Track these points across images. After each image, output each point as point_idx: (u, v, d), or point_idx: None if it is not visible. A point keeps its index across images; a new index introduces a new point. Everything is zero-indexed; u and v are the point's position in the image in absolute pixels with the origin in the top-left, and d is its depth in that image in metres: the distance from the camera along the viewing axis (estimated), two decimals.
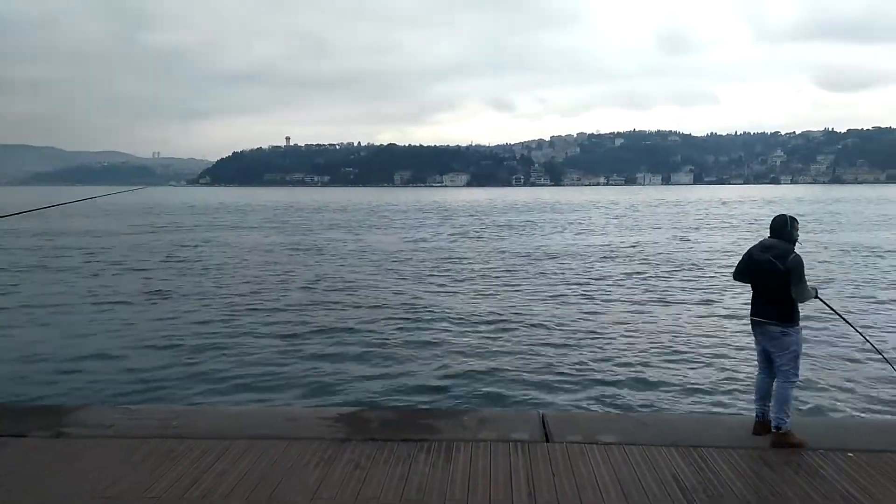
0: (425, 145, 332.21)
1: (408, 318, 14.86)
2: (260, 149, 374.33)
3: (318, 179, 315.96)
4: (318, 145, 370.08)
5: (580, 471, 4.54)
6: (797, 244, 5.13)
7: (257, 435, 5.19)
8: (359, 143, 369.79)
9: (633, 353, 11.61)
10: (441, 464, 4.66)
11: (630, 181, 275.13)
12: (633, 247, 31.77)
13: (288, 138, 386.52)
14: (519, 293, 18.34)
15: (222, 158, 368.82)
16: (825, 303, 5.53)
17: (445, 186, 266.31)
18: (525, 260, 26.69)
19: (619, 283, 20.29)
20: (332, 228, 46.99)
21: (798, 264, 4.88)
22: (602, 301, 17.07)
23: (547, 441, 5.08)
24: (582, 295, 18.01)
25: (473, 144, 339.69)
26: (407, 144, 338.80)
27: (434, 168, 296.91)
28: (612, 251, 29.86)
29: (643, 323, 14.27)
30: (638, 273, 22.45)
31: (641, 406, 8.66)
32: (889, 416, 8.37)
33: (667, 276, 21.74)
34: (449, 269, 23.78)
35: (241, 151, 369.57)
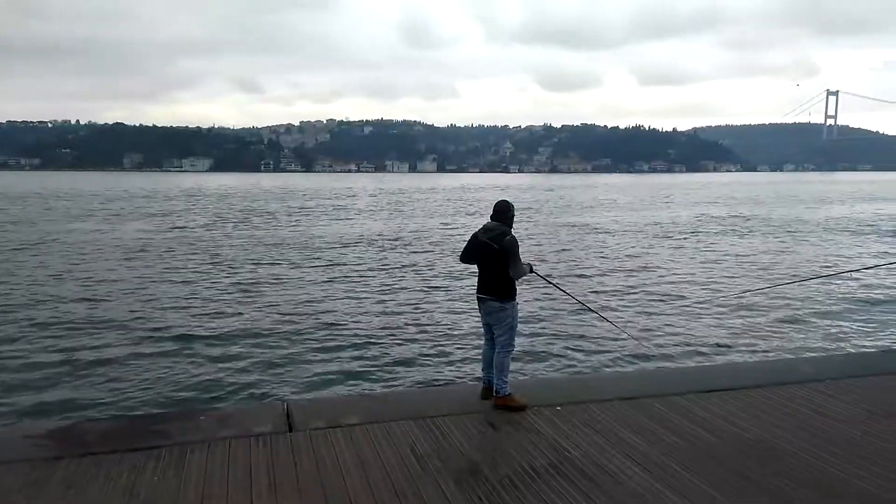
0: (161, 125, 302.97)
1: (146, 317, 13.56)
2: None
3: (27, 162, 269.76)
4: (24, 122, 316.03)
5: (322, 456, 4.57)
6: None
7: None
8: (77, 121, 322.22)
9: (375, 334, 12.01)
10: (173, 471, 4.33)
11: (380, 168, 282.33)
12: (390, 232, 32.82)
13: None
14: (268, 283, 17.83)
15: None
16: (541, 276, 6.24)
17: (185, 171, 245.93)
18: (276, 248, 26.00)
19: (367, 267, 20.82)
20: (69, 220, 40.74)
21: (513, 245, 5.39)
22: (349, 285, 17.37)
23: (290, 431, 5.02)
24: (333, 281, 18.12)
25: (217, 126, 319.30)
26: (138, 124, 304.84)
27: (171, 150, 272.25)
28: (366, 237, 30.49)
29: (386, 305, 14.84)
30: (386, 257, 23.26)
31: (384, 385, 9.03)
32: (588, 373, 9.84)
33: (412, 258, 22.86)
34: (198, 261, 22.20)
35: None
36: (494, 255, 5.41)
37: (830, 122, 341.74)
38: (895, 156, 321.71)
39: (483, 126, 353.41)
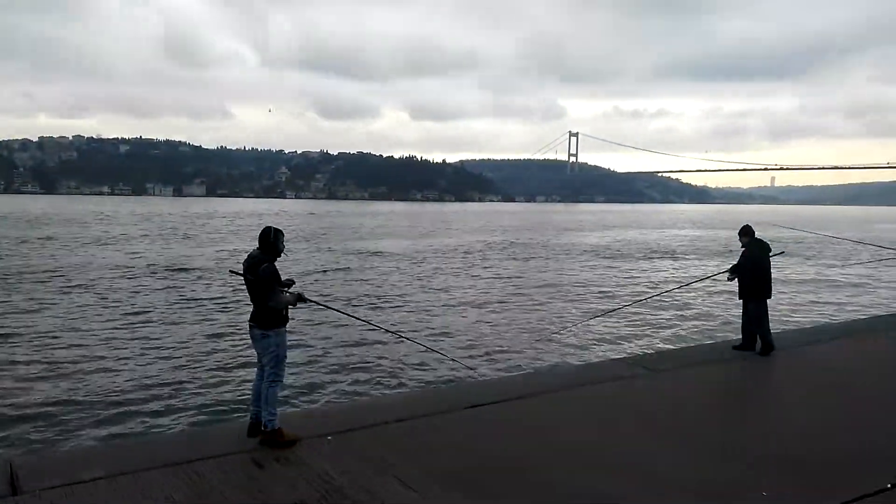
0: None
1: None
2: None
3: None
4: None
5: None
6: (284, 254, 5.57)
7: None
8: None
9: (129, 372, 10.87)
10: None
11: (139, 191, 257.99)
12: (157, 259, 29.94)
13: None
14: (5, 319, 15.22)
15: None
16: (314, 301, 6.14)
17: None
18: (21, 280, 22.32)
19: (127, 298, 18.82)
20: None
21: (267, 274, 5.27)
22: (103, 317, 15.56)
23: (15, 494, 4.32)
24: (85, 312, 16.06)
25: None
26: None
27: None
28: (130, 265, 27.50)
29: (146, 340, 13.54)
30: (151, 286, 21.24)
31: (137, 430, 8.16)
32: (359, 399, 9.88)
33: (182, 287, 21.18)
34: None
35: None
36: (253, 283, 5.32)
37: (573, 159, 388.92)
38: (623, 190, 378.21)
39: (257, 150, 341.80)
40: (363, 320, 8.32)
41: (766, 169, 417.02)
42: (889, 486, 2.85)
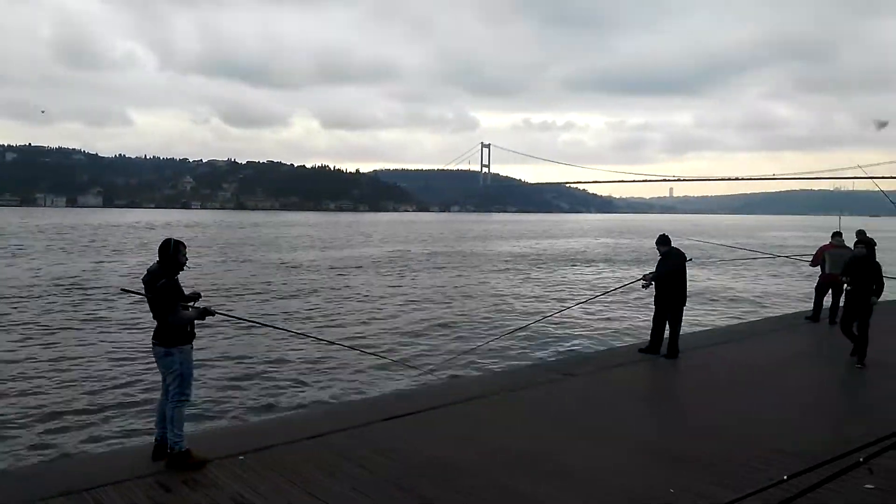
0: None
1: None
2: None
3: None
4: None
5: None
6: (186, 266, 5.32)
7: None
8: None
9: (19, 392, 10.04)
10: None
11: (28, 202, 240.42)
12: (55, 275, 27.86)
13: None
14: None
15: None
16: (222, 314, 5.92)
17: None
18: None
19: (19, 313, 17.42)
20: None
21: (166, 289, 5.01)
22: None
23: None
24: None
25: None
26: None
27: None
28: (25, 280, 25.46)
29: (38, 363, 12.55)
30: (49, 303, 19.75)
31: (30, 459, 7.51)
32: (275, 415, 9.55)
33: (82, 303, 19.82)
34: None
35: None
36: (152, 301, 5.08)
37: (485, 170, 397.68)
38: (533, 200, 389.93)
39: (159, 158, 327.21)
40: (275, 327, 8.09)
41: (665, 180, 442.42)
42: (785, 477, 3.05)
